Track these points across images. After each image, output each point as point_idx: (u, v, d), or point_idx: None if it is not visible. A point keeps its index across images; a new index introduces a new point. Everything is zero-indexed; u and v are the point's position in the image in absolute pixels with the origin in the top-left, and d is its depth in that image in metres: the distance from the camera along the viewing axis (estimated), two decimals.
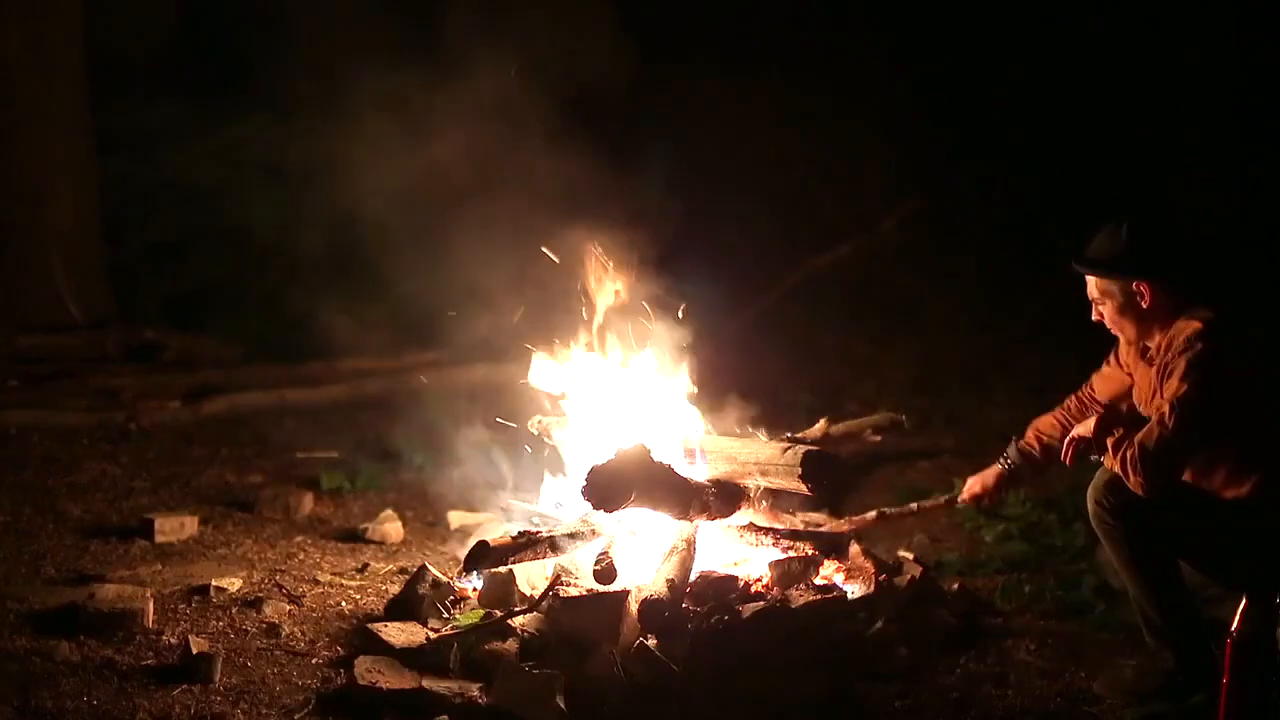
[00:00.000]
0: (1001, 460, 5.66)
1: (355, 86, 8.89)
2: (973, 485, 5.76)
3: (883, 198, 12.51)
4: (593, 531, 5.49)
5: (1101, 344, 5.35)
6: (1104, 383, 5.42)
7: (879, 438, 6.84)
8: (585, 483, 5.14)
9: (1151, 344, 4.99)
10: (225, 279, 10.92)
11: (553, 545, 5.36)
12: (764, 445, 5.65)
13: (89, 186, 10.52)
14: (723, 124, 12.31)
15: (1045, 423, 5.59)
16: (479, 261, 7.23)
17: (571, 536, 5.43)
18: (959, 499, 5.86)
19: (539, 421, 6.30)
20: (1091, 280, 5.05)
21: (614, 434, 5.81)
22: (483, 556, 5.23)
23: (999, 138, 12.25)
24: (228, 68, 10.94)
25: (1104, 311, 5.05)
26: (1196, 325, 4.79)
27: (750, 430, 6.17)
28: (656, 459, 5.36)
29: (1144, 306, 4.92)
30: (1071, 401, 5.55)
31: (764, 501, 5.80)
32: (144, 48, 11.28)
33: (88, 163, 10.52)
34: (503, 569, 5.36)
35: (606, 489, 5.12)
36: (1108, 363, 5.38)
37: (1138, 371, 5.12)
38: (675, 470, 5.46)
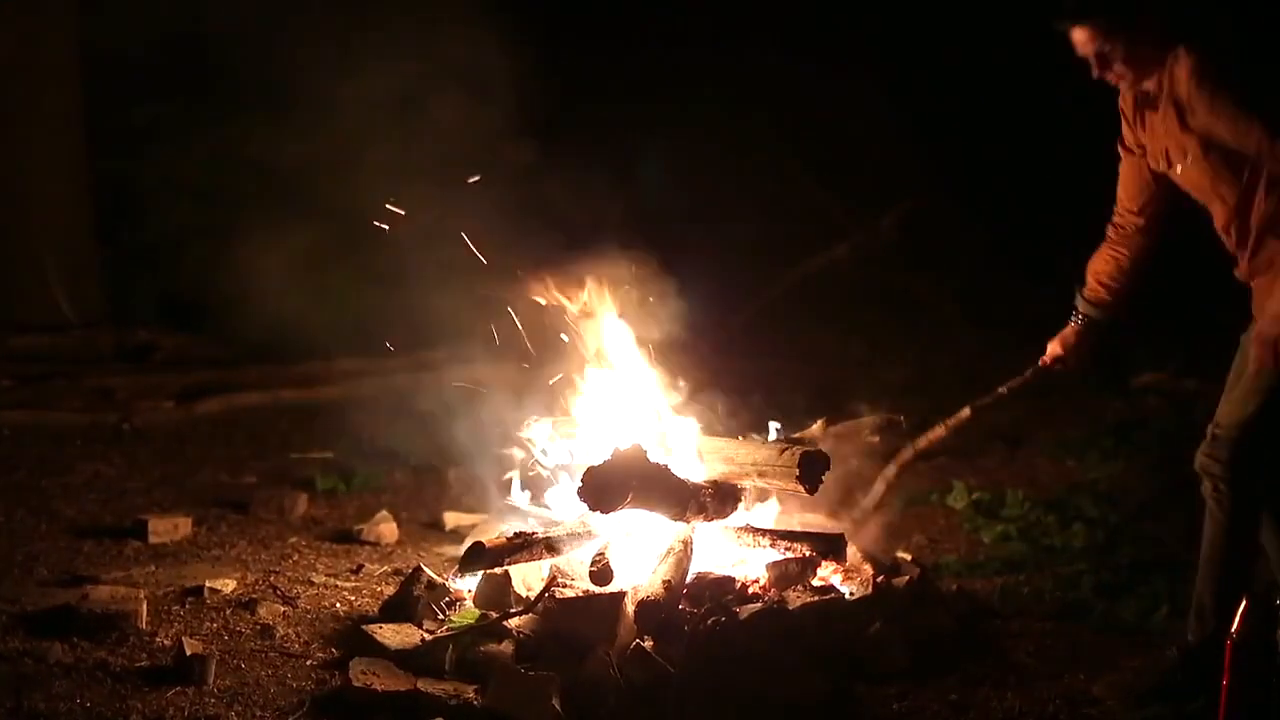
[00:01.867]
0: (1073, 317, 5.51)
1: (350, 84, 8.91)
2: (1053, 347, 5.59)
3: (881, 196, 12.51)
4: (589, 532, 5.48)
5: None
6: (1128, 187, 5.20)
7: (877, 438, 6.83)
8: (581, 483, 5.13)
9: (1150, 85, 4.81)
10: (219, 278, 10.89)
11: (549, 546, 5.35)
12: (761, 446, 5.65)
13: (82, 186, 10.52)
14: (717, 122, 12.30)
15: (1099, 262, 5.37)
16: (476, 262, 7.23)
17: (568, 537, 5.43)
18: (1042, 362, 5.66)
19: (533, 422, 6.29)
20: (1080, 36, 4.81)
21: (610, 435, 5.81)
22: (478, 557, 5.23)
23: (998, 134, 12.26)
24: (222, 66, 10.91)
25: (1103, 61, 4.79)
26: (1190, 60, 4.63)
27: (748, 431, 6.17)
28: (653, 459, 5.35)
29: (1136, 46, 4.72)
30: (1111, 231, 5.32)
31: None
32: (138, 46, 11.27)
33: (81, 162, 10.51)
34: (498, 570, 5.35)
35: (603, 490, 5.10)
36: (1119, 162, 5.18)
37: (1147, 127, 4.93)
38: (672, 471, 5.45)
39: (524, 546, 5.29)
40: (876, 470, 6.54)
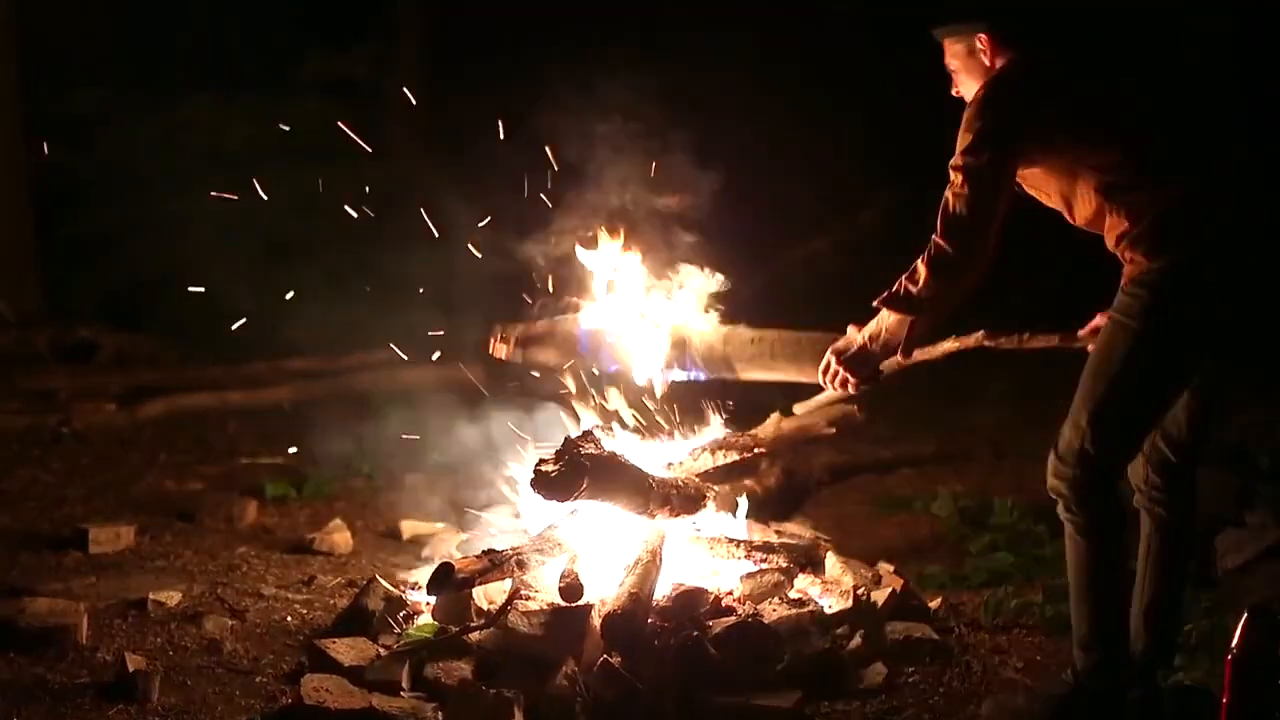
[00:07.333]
0: None
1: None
2: (1096, 322, 5.20)
3: (861, 189, 12.54)
4: (558, 545, 5.45)
5: None
6: None
7: (833, 430, 6.84)
8: (534, 473, 5.09)
9: None
10: (164, 273, 10.86)
11: (519, 563, 5.32)
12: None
13: (19, 175, 10.47)
14: (698, 115, 12.31)
15: None
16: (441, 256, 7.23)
17: (538, 553, 5.40)
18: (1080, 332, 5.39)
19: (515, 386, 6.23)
20: (947, 49, 4.72)
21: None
22: (447, 580, 5.13)
23: None
24: (167, 49, 10.91)
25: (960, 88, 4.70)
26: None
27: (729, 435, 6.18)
28: (607, 447, 5.31)
29: (986, 65, 4.56)
30: None
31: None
32: (79, 29, 11.24)
33: (17, 151, 10.47)
34: None
35: (556, 478, 5.07)
36: None
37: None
38: (627, 459, 5.41)
39: (495, 566, 5.22)
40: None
